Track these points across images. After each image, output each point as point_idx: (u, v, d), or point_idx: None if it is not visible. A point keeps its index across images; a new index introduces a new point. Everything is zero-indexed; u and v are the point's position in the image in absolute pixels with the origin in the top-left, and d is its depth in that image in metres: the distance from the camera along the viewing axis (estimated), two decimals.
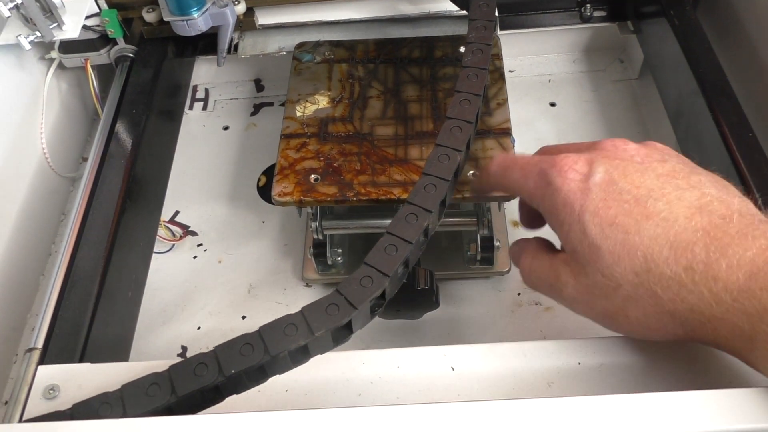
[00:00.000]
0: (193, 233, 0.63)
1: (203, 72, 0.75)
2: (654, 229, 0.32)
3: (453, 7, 0.60)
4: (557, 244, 0.38)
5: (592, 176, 0.34)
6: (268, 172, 0.67)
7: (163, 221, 0.62)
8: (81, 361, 0.43)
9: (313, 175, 0.50)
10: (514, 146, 0.51)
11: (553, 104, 0.70)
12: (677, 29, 0.59)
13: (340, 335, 0.37)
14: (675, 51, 0.58)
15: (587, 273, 0.34)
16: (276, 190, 0.49)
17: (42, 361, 0.43)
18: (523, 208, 0.43)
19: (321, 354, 0.38)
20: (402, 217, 0.39)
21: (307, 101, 0.55)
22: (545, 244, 0.40)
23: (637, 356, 0.39)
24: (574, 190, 0.34)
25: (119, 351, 0.48)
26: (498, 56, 0.56)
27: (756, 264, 0.30)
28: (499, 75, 0.55)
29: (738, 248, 0.30)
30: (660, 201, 0.33)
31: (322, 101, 0.55)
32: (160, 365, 0.41)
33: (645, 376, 0.38)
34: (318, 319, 0.35)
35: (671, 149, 0.37)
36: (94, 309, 0.45)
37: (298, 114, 0.54)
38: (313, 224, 0.52)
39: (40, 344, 0.44)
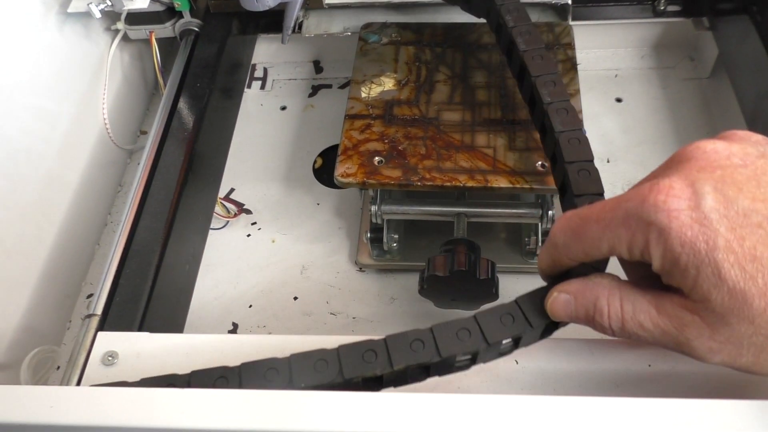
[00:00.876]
0: (248, 211, 0.63)
1: (263, 51, 0.74)
2: None
3: None
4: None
5: (702, 200, 0.27)
6: (325, 154, 0.67)
7: (220, 198, 0.62)
8: (139, 330, 0.43)
9: (377, 158, 0.49)
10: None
11: (619, 100, 0.68)
12: (760, 26, 0.56)
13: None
14: (756, 49, 0.56)
15: (730, 323, 0.28)
16: (339, 170, 0.48)
17: (101, 327, 0.43)
18: (629, 267, 0.35)
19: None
20: None
21: (372, 82, 0.55)
22: (626, 283, 0.32)
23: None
24: (688, 224, 0.27)
25: (175, 323, 0.49)
26: (570, 45, 0.55)
27: None
28: (571, 65, 0.54)
29: None
30: None
31: (387, 83, 0.54)
32: (216, 340, 0.41)
33: (718, 384, 0.37)
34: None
35: (753, 133, 0.31)
36: (154, 279, 0.45)
37: (363, 95, 0.54)
38: (373, 207, 0.52)
39: (99, 311, 0.44)
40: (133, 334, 0.41)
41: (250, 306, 0.56)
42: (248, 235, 0.61)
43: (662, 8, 0.65)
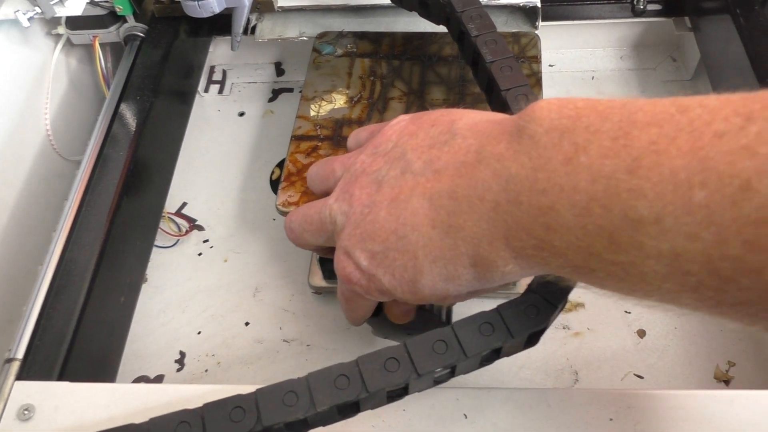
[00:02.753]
0: (200, 228, 0.59)
1: (221, 52, 0.70)
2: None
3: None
4: None
5: (360, 264, 0.34)
6: (283, 165, 0.63)
7: (168, 213, 0.58)
8: (61, 376, 0.40)
9: None
10: None
11: None
12: (743, 30, 0.52)
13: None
14: (738, 53, 0.52)
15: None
16: (280, 198, 0.45)
17: (20, 374, 0.40)
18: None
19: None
20: None
21: (323, 99, 0.51)
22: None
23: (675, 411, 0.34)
24: (365, 284, 0.34)
25: (107, 364, 0.45)
26: (536, 59, 0.51)
27: None
28: (536, 80, 0.50)
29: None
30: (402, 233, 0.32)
31: (339, 100, 0.50)
32: (142, 389, 0.38)
33: None
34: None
35: (389, 129, 0.36)
36: (80, 318, 0.42)
37: (312, 113, 0.50)
38: None
39: (21, 353, 0.41)
40: (52, 384, 0.38)
41: (199, 332, 0.53)
42: (199, 254, 0.58)
43: (642, 7, 0.61)
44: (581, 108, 0.26)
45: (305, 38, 0.58)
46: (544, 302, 0.31)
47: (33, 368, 0.40)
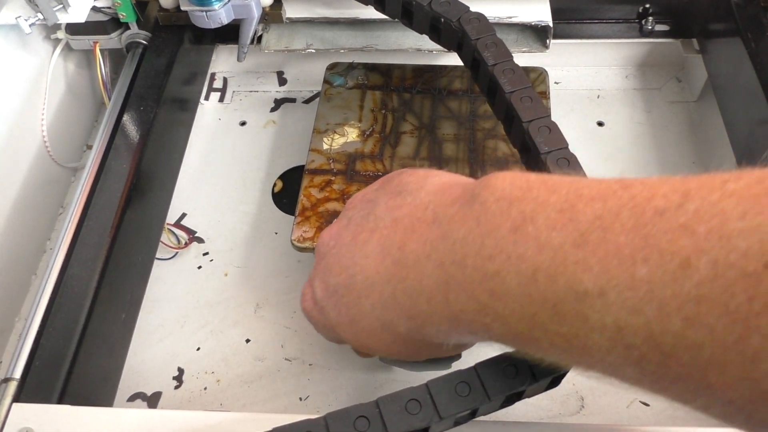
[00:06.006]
0: (200, 240, 0.58)
1: (223, 59, 0.69)
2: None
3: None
4: None
5: (315, 294, 0.36)
6: (285, 177, 0.62)
7: (168, 225, 0.57)
8: (61, 398, 0.38)
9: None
10: None
11: (600, 123, 0.64)
12: (754, 53, 0.52)
13: None
14: (749, 77, 0.52)
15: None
16: (295, 234, 0.44)
17: (18, 395, 0.38)
18: None
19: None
20: None
21: (335, 132, 0.50)
22: None
23: None
24: (316, 316, 0.37)
25: (107, 384, 0.44)
26: (545, 94, 0.50)
27: None
28: None
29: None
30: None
31: (351, 134, 0.50)
32: (145, 415, 0.37)
33: None
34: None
35: (367, 191, 0.37)
36: (80, 337, 0.40)
37: (325, 147, 0.49)
38: None
39: (18, 373, 0.40)
40: (51, 407, 0.37)
41: (198, 349, 0.52)
42: (199, 267, 0.57)
43: (650, 27, 0.61)
44: (532, 181, 0.27)
45: (312, 50, 0.57)
46: None
47: (31, 390, 0.38)
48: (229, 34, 0.61)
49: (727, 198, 0.20)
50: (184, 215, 0.60)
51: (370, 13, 0.54)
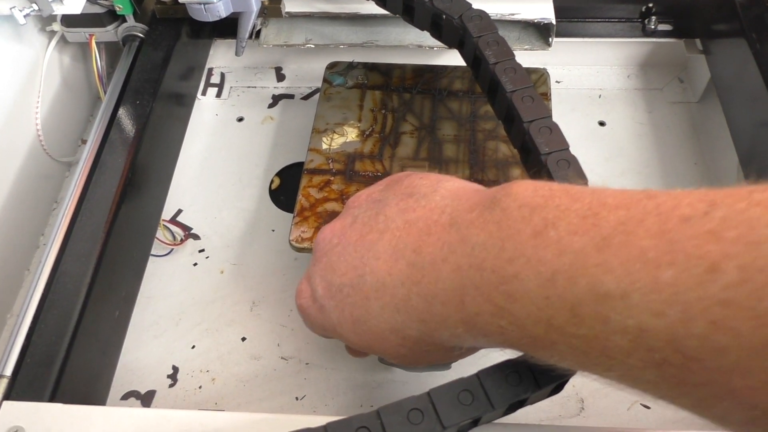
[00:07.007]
0: (195, 237, 0.57)
1: (220, 54, 0.68)
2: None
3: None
4: None
5: (315, 292, 0.35)
6: (283, 174, 0.61)
7: (164, 221, 0.56)
8: (53, 396, 0.38)
9: None
10: None
11: (602, 123, 0.64)
12: (759, 54, 0.51)
13: None
14: (754, 78, 0.51)
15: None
16: (294, 234, 0.44)
17: (9, 393, 0.38)
18: None
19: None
20: None
21: (335, 132, 0.49)
22: None
23: None
24: (314, 314, 0.36)
25: (100, 382, 0.43)
26: (547, 96, 0.50)
27: None
28: None
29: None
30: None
31: (351, 133, 0.49)
32: (139, 414, 0.36)
33: None
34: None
35: (371, 190, 0.36)
36: (73, 334, 0.40)
37: (324, 146, 0.49)
38: None
39: (9, 370, 0.39)
40: (43, 406, 0.36)
41: (193, 347, 0.51)
42: (194, 264, 0.56)
43: (653, 27, 0.60)
44: (555, 189, 0.27)
45: (311, 46, 0.56)
46: None
47: (23, 387, 0.37)
48: (228, 28, 0.60)
49: (755, 206, 0.20)
50: (180, 211, 0.59)
51: (371, 8, 0.54)
